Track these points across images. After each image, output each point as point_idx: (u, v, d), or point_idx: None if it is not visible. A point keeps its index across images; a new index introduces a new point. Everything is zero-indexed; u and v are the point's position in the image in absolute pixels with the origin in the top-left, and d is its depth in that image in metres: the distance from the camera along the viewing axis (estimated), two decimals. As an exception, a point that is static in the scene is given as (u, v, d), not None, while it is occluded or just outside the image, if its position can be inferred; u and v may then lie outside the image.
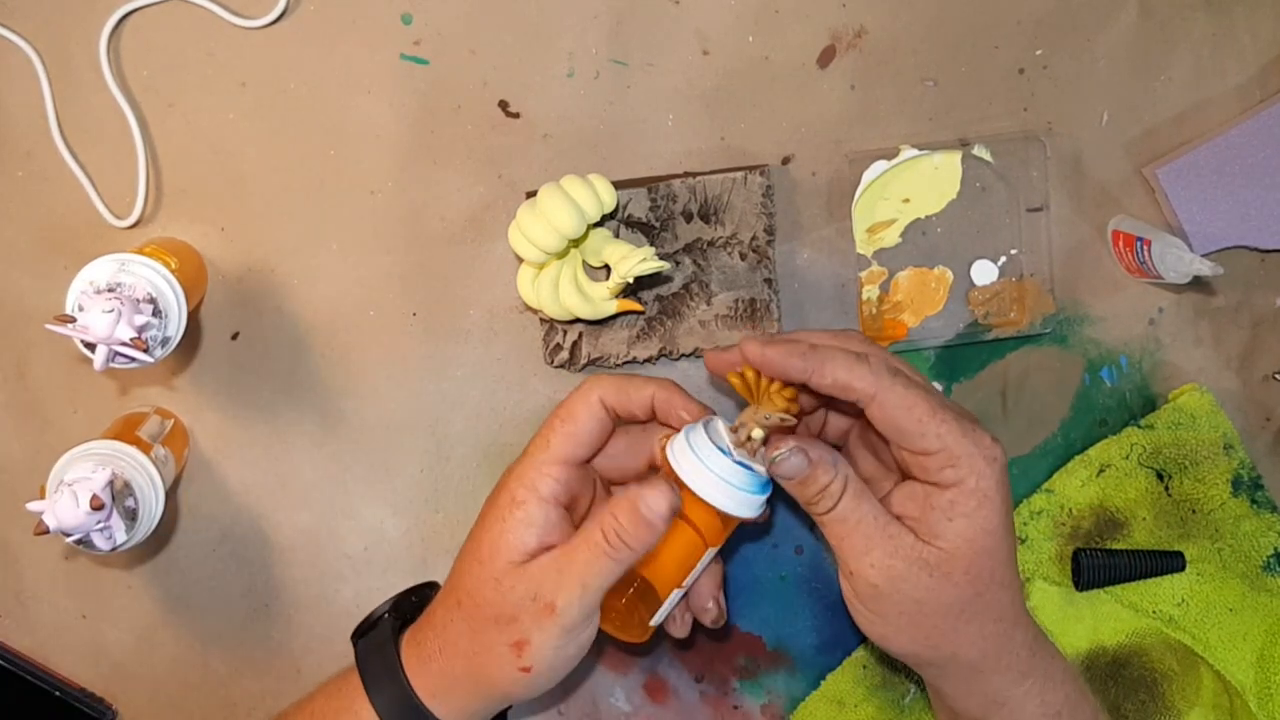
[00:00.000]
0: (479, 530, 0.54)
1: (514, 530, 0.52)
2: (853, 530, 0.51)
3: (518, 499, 0.53)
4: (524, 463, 0.54)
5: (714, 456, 0.53)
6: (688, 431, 0.54)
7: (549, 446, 0.54)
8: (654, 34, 0.65)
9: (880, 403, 0.50)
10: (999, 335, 0.69)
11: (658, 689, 0.70)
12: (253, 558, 0.67)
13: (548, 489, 0.53)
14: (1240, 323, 0.70)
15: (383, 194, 0.65)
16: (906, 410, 0.50)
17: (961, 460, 0.50)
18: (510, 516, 0.53)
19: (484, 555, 0.53)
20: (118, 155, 0.64)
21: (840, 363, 0.50)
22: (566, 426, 0.54)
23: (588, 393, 0.55)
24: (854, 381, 0.50)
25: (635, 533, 0.50)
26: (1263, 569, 0.69)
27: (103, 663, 0.67)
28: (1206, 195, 0.67)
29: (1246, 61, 0.68)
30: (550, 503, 0.53)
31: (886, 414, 0.50)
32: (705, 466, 0.52)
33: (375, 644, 0.56)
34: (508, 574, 0.52)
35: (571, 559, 0.51)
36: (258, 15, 0.63)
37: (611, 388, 0.55)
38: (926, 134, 0.67)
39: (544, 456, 0.54)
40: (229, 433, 0.66)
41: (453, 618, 0.54)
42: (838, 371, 0.50)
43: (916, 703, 0.69)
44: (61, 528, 0.54)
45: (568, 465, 0.54)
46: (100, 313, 0.53)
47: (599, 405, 0.55)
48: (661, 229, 0.65)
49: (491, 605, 0.52)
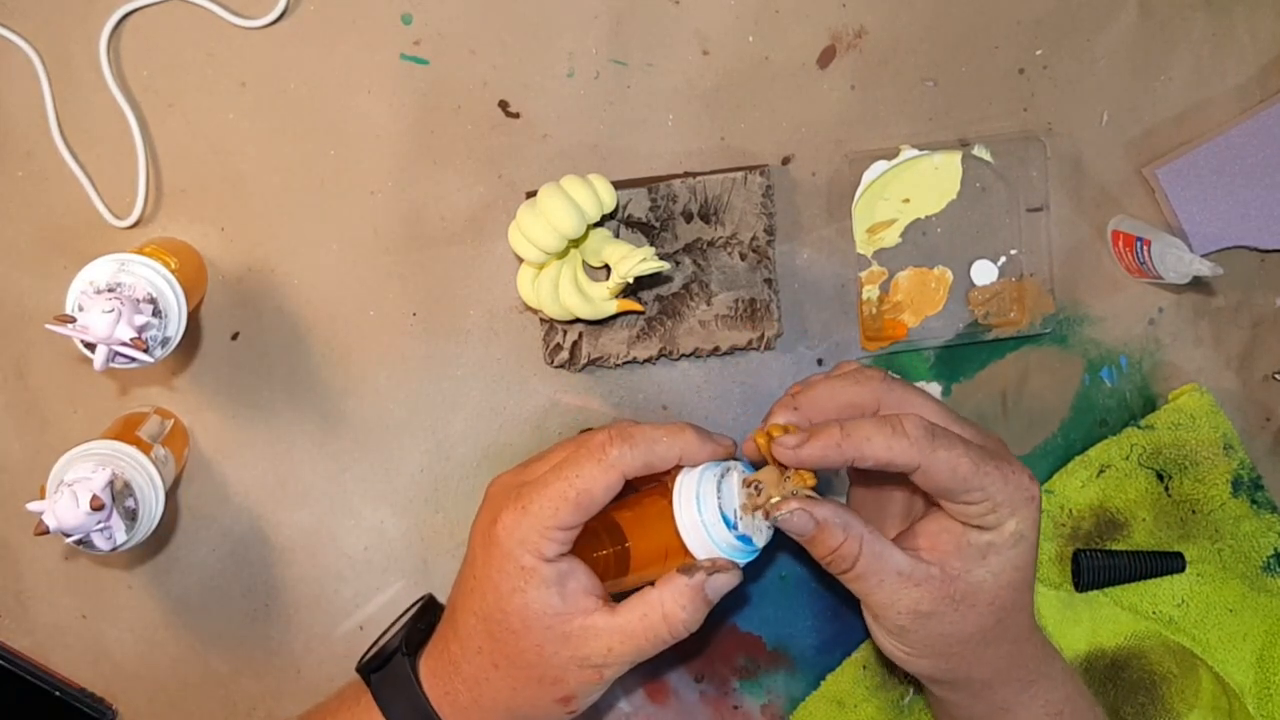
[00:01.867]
0: (494, 597, 0.52)
1: (537, 600, 0.51)
2: (875, 587, 0.51)
3: (526, 566, 0.51)
4: (525, 522, 0.51)
5: (717, 526, 0.52)
6: (700, 480, 0.52)
7: (557, 514, 0.51)
8: (654, 34, 0.65)
9: (924, 471, 0.50)
10: (999, 335, 0.69)
11: (658, 689, 0.70)
12: (253, 558, 0.67)
13: (553, 551, 0.51)
14: (1240, 323, 0.70)
15: (383, 194, 0.65)
16: (950, 473, 0.50)
17: (1003, 507, 0.51)
18: (529, 585, 0.51)
19: (516, 626, 0.52)
20: (118, 155, 0.64)
21: (879, 443, 0.50)
22: (580, 500, 0.51)
23: (610, 470, 0.51)
24: (896, 458, 0.50)
25: (698, 618, 0.52)
26: (1263, 569, 0.69)
27: (103, 662, 0.67)
28: (1206, 195, 0.67)
29: (1246, 61, 0.68)
30: (559, 560, 0.52)
31: (931, 480, 0.50)
32: (706, 532, 0.52)
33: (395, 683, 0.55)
34: (549, 642, 0.51)
35: (623, 640, 0.51)
36: (258, 15, 0.63)
37: (637, 461, 0.51)
38: (926, 134, 0.67)
39: (550, 521, 0.51)
40: (229, 433, 0.66)
41: (489, 677, 0.53)
42: (878, 452, 0.50)
43: (916, 703, 0.69)
44: (61, 528, 0.54)
45: (574, 530, 0.52)
46: (100, 313, 0.53)
47: (619, 480, 0.51)
48: (661, 229, 0.65)
49: (535, 668, 0.52)
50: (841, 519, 0.51)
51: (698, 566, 0.52)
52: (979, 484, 0.50)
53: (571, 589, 0.52)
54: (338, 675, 0.66)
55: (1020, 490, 0.51)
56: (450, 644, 0.55)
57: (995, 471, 0.51)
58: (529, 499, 0.51)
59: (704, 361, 0.68)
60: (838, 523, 0.50)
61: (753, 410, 0.68)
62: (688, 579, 0.51)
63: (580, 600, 0.52)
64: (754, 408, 0.68)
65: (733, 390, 0.68)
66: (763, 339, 0.66)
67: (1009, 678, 0.55)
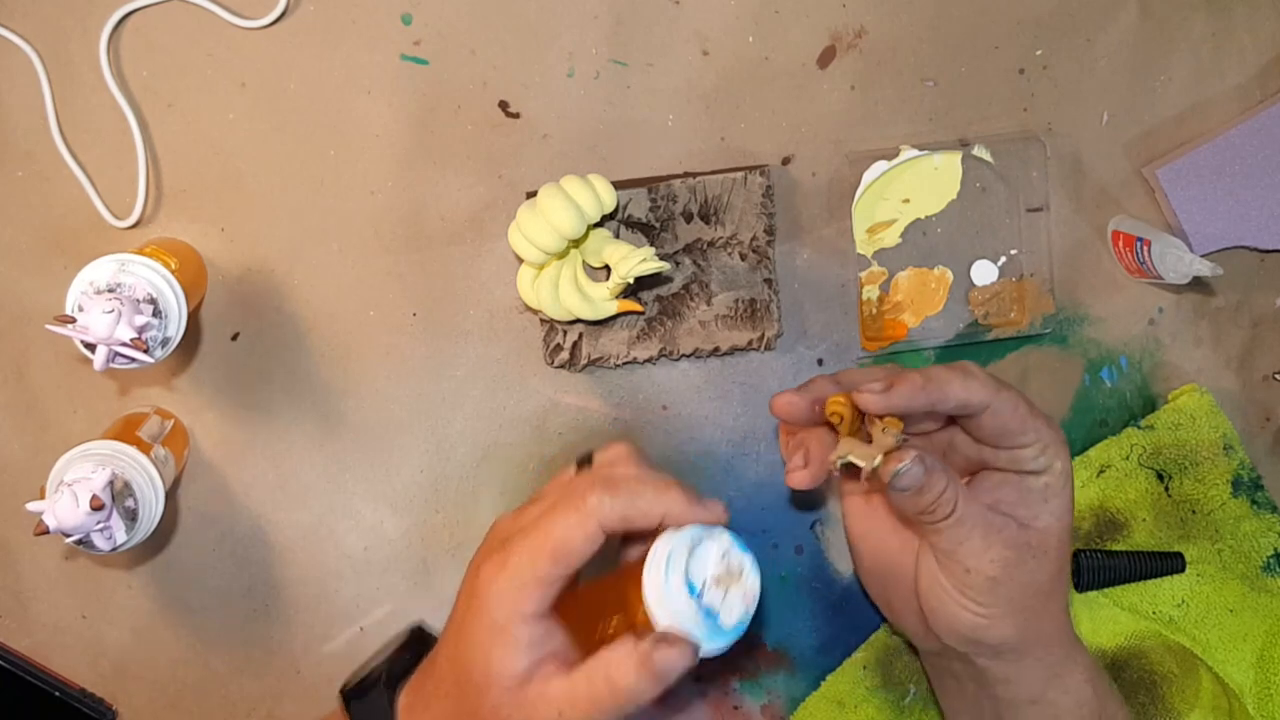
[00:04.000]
0: (466, 649, 0.51)
1: (501, 660, 0.50)
2: (971, 531, 0.53)
3: (499, 623, 0.49)
4: (503, 575, 0.50)
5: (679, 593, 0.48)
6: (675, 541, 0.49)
7: (534, 569, 0.49)
8: (654, 34, 0.65)
9: (994, 410, 0.53)
10: (999, 335, 0.69)
11: (658, 689, 0.70)
12: (252, 558, 0.67)
13: (531, 609, 0.49)
14: (1240, 323, 0.70)
15: (383, 194, 0.65)
16: (1013, 410, 0.53)
17: (1051, 447, 0.54)
18: (496, 645, 0.50)
19: (479, 682, 0.50)
20: (118, 155, 0.64)
21: (957, 384, 0.53)
22: (557, 552, 0.49)
23: (587, 520, 0.49)
24: (972, 396, 0.53)
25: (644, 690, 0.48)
26: (1263, 570, 0.69)
27: (102, 663, 0.67)
28: (1206, 195, 0.67)
29: (1246, 62, 0.68)
30: (534, 620, 0.50)
31: (999, 419, 0.54)
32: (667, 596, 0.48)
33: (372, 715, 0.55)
34: (504, 704, 0.50)
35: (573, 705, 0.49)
36: (258, 16, 0.63)
37: (615, 512, 0.49)
38: (926, 134, 0.67)
39: (529, 577, 0.49)
40: (229, 433, 0.66)
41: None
42: (958, 391, 0.53)
43: (916, 703, 0.69)
44: (61, 528, 0.54)
45: (554, 585, 0.50)
46: (100, 313, 0.53)
47: (597, 531, 0.49)
48: (661, 229, 0.65)
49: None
50: (940, 465, 0.52)
51: (650, 635, 0.48)
52: (1034, 424, 0.54)
53: (541, 653, 0.50)
54: (336, 675, 0.66)
55: (1057, 432, 0.55)
56: (426, 681, 0.55)
57: (1041, 415, 0.54)
58: (510, 551, 0.50)
59: (704, 362, 0.68)
60: (940, 468, 0.52)
61: (753, 410, 0.68)
62: (634, 644, 0.48)
63: (545, 666, 0.50)
64: (754, 408, 0.68)
65: (733, 391, 0.68)
66: (763, 339, 0.66)
67: (1064, 636, 0.57)
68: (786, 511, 0.69)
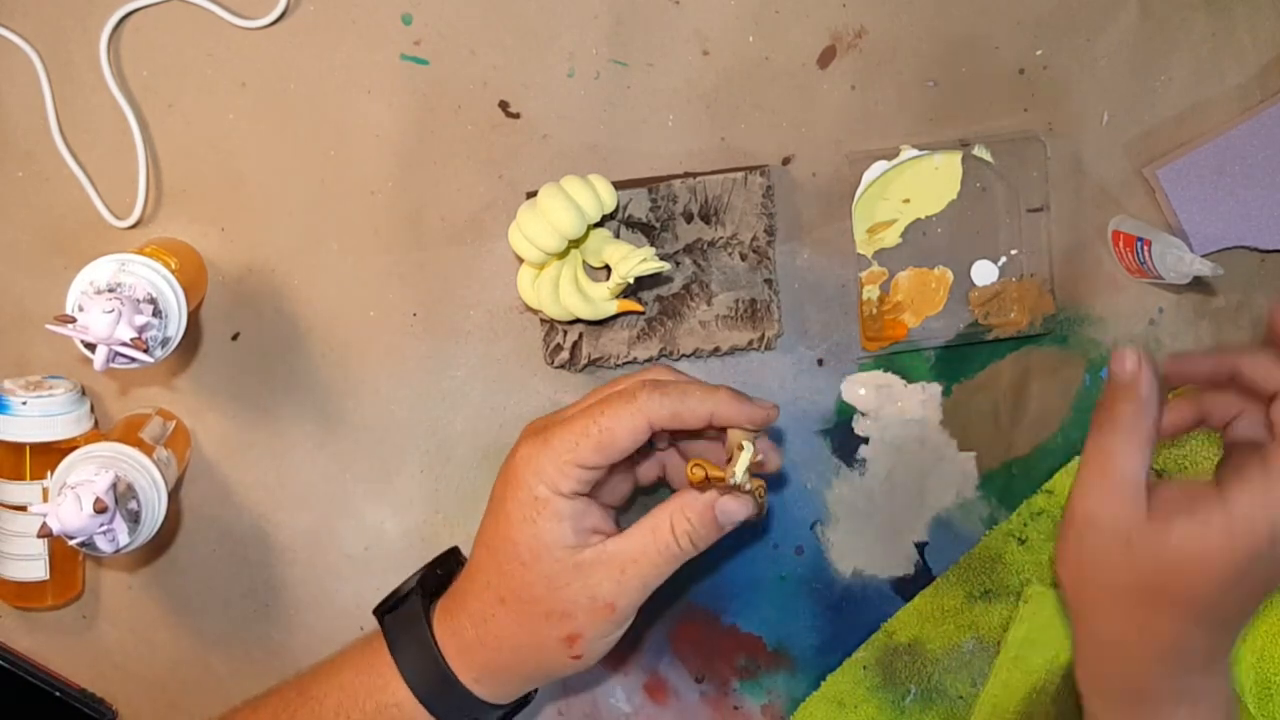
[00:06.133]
0: (505, 526, 0.52)
1: (549, 530, 0.51)
2: None
3: (540, 497, 0.51)
4: (544, 453, 0.51)
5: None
6: None
7: (576, 449, 0.51)
8: (654, 34, 0.65)
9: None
10: (999, 335, 0.69)
11: (658, 689, 0.70)
12: (253, 558, 0.67)
13: (569, 487, 0.51)
14: (1240, 323, 0.70)
15: (383, 194, 0.65)
16: None
17: None
18: (540, 516, 0.51)
19: (525, 556, 0.52)
20: (118, 155, 0.64)
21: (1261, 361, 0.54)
22: (603, 440, 0.51)
23: (636, 414, 0.51)
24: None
25: (707, 535, 0.51)
26: (1262, 569, 0.69)
27: (103, 663, 0.67)
28: (1206, 195, 0.68)
29: (1246, 62, 0.68)
30: (574, 497, 0.52)
31: None
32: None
33: (405, 622, 0.55)
34: (559, 574, 0.51)
35: (636, 560, 0.51)
36: (258, 16, 0.63)
37: (666, 412, 0.51)
38: (927, 134, 0.67)
39: (569, 457, 0.51)
40: (229, 433, 0.66)
41: (495, 613, 0.53)
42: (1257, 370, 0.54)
43: (916, 703, 0.69)
44: (65, 530, 0.54)
45: (592, 470, 0.52)
46: (100, 313, 0.53)
47: (646, 429, 0.51)
48: (662, 229, 0.65)
49: (542, 603, 0.52)
50: None
51: (712, 485, 0.51)
52: None
53: (584, 525, 0.52)
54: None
55: None
56: (461, 581, 0.55)
57: None
58: (552, 433, 0.52)
59: (704, 362, 0.68)
60: None
61: (753, 410, 0.68)
62: (699, 495, 0.52)
63: (591, 536, 0.52)
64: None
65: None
66: (763, 339, 0.66)
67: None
68: (787, 512, 0.69)
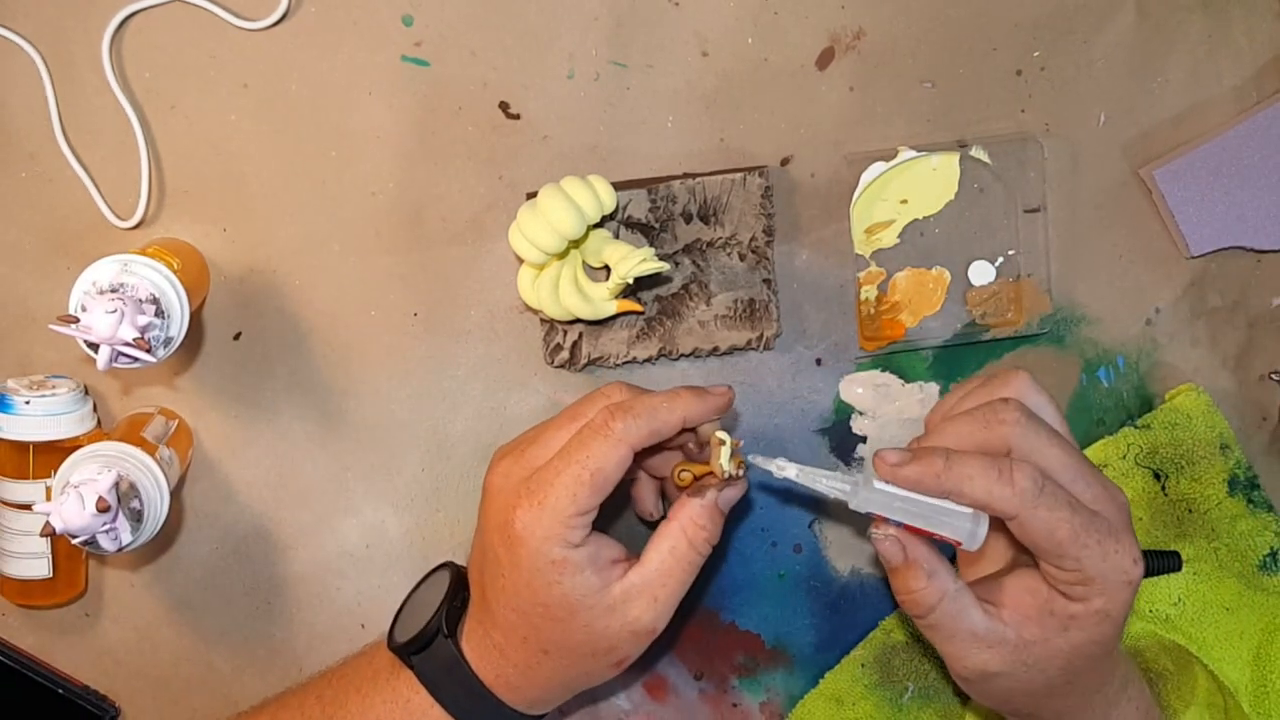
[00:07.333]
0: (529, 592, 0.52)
1: (575, 586, 0.52)
2: (946, 640, 0.52)
3: (556, 560, 0.52)
4: (546, 515, 0.51)
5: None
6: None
7: (575, 500, 0.51)
8: (653, 35, 0.65)
9: (1021, 525, 0.49)
10: (996, 335, 0.69)
11: (657, 687, 0.70)
12: (255, 556, 0.68)
13: (579, 537, 0.52)
14: (1236, 323, 0.71)
15: (384, 195, 0.66)
16: (1047, 534, 0.49)
17: (1094, 584, 0.49)
18: (564, 576, 0.52)
19: (559, 614, 0.52)
20: (120, 156, 0.64)
21: (980, 485, 0.49)
22: (596, 481, 0.51)
23: (619, 445, 0.52)
24: (994, 504, 0.49)
25: (718, 530, 0.54)
26: (1259, 568, 0.70)
27: (105, 660, 0.68)
28: (1203, 196, 0.68)
29: (1243, 63, 0.68)
30: (583, 543, 0.52)
31: (1026, 536, 0.49)
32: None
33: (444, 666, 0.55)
34: (596, 619, 0.53)
35: (664, 583, 0.53)
36: (259, 17, 0.63)
37: (644, 432, 0.52)
38: (924, 135, 0.68)
39: (570, 510, 0.51)
40: (231, 432, 0.67)
41: (540, 661, 0.54)
42: (978, 494, 0.49)
43: (914, 700, 0.69)
44: (68, 529, 0.54)
45: (593, 513, 0.53)
46: (103, 313, 0.53)
47: (630, 456, 0.52)
48: (661, 230, 0.65)
49: (586, 645, 0.53)
50: (931, 565, 0.50)
51: (705, 486, 0.54)
52: (1074, 553, 0.49)
53: (602, 562, 0.53)
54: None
55: (1117, 571, 0.49)
56: (492, 633, 0.55)
57: (1095, 545, 0.49)
58: (544, 493, 0.52)
59: (703, 361, 0.68)
60: (925, 568, 0.50)
61: (752, 410, 0.68)
62: (701, 500, 0.54)
63: (611, 569, 0.53)
64: (753, 407, 0.68)
65: (732, 390, 0.68)
66: (762, 339, 0.66)
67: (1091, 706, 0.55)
68: (785, 510, 0.69)
